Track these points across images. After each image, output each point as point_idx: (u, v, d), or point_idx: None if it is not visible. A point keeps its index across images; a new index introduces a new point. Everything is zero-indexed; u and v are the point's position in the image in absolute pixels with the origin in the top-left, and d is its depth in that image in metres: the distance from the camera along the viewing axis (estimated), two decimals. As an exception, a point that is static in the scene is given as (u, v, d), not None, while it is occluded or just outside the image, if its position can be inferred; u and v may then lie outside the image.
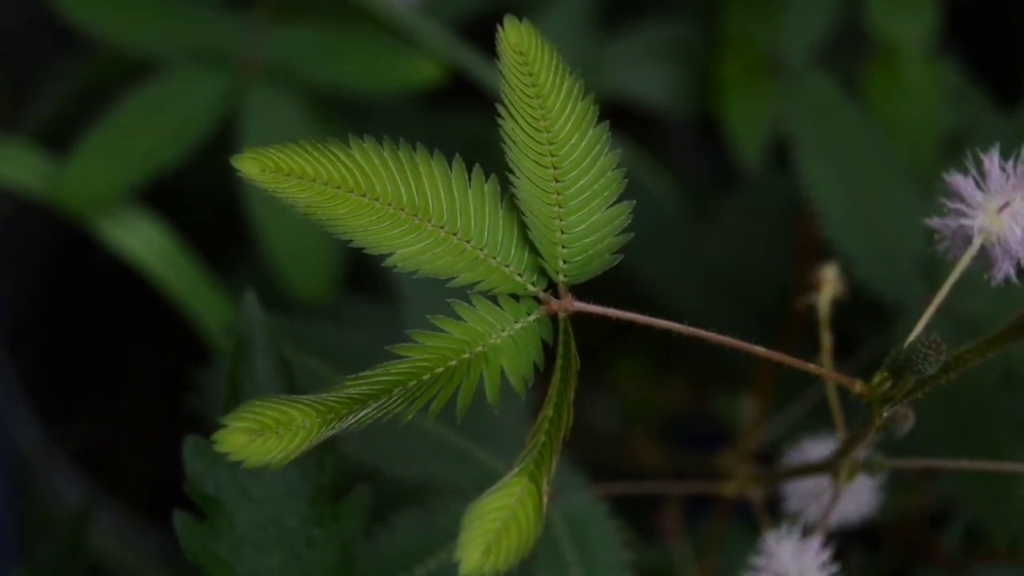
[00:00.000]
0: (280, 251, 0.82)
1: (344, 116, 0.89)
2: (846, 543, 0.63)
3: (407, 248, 0.43)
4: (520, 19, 0.45)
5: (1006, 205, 0.44)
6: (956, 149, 0.77)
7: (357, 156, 0.43)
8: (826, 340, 0.55)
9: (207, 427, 0.49)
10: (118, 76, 0.87)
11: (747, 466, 0.64)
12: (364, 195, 0.43)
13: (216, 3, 0.85)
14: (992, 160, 0.44)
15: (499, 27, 0.45)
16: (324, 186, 0.43)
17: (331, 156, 0.43)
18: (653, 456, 0.85)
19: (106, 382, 1.02)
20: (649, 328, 0.45)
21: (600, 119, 0.45)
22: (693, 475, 0.72)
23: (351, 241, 0.43)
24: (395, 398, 0.42)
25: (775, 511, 0.62)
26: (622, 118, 0.91)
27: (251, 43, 0.84)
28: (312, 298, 0.82)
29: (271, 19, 0.84)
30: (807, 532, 0.54)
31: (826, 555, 0.52)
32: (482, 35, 0.46)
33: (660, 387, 0.92)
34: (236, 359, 0.52)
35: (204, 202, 0.96)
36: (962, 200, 0.45)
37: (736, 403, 0.76)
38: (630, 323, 0.45)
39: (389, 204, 0.43)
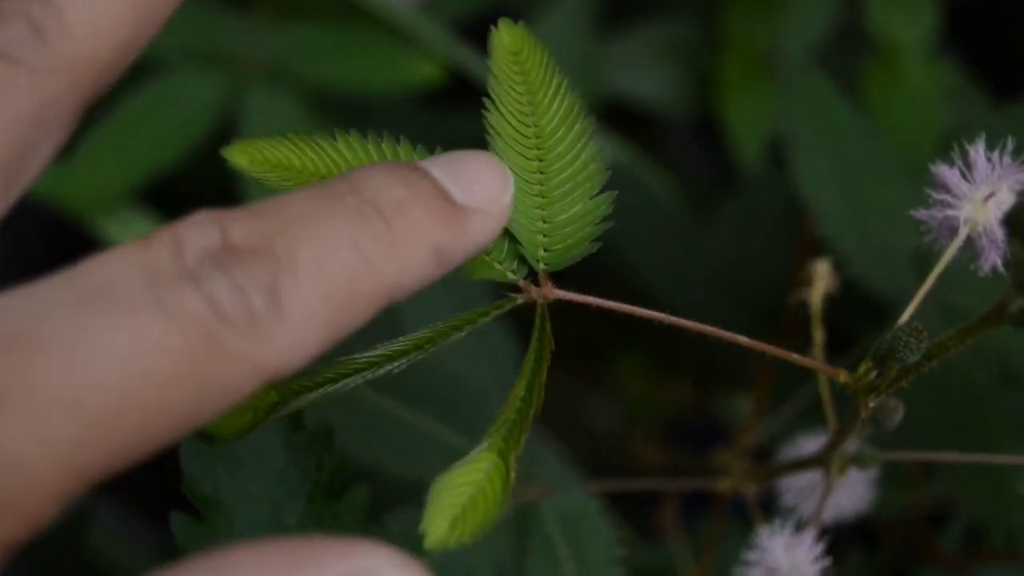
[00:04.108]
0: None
1: (344, 116, 0.89)
2: (845, 542, 0.63)
3: None
4: (517, 20, 0.46)
5: (992, 195, 0.44)
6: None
7: (342, 148, 0.44)
8: (817, 334, 0.55)
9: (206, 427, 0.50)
10: (118, 76, 0.87)
11: (743, 463, 0.64)
12: None
13: (216, 3, 0.85)
14: (978, 151, 0.44)
15: (493, 28, 0.45)
16: (310, 177, 0.43)
17: (317, 149, 0.43)
18: (653, 454, 0.85)
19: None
20: (650, 326, 0.45)
21: (589, 115, 0.46)
22: (691, 472, 0.72)
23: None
24: (366, 376, 0.42)
25: (772, 507, 0.62)
26: (622, 118, 0.91)
27: (251, 43, 0.84)
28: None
29: (271, 19, 0.85)
30: (801, 527, 0.54)
31: (819, 549, 0.52)
32: (482, 35, 0.46)
33: (661, 385, 0.92)
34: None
35: (204, 202, 0.96)
36: (948, 191, 0.45)
37: (734, 401, 0.76)
38: (630, 321, 0.45)
39: None
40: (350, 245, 0.38)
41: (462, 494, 0.40)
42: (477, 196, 0.41)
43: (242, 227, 0.37)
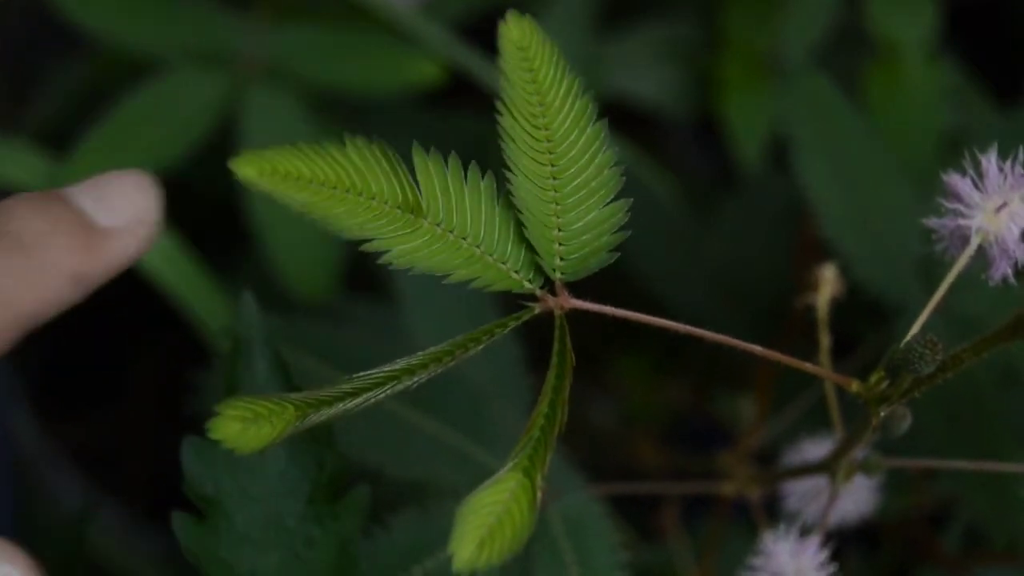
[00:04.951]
0: (281, 251, 0.82)
1: (344, 116, 0.89)
2: (846, 543, 0.63)
3: (403, 245, 0.43)
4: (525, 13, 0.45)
5: (1004, 205, 0.44)
6: (955, 149, 0.77)
7: (353, 156, 0.43)
8: (824, 340, 0.55)
9: (206, 428, 0.49)
10: (118, 76, 0.87)
11: (746, 466, 0.64)
12: (360, 194, 0.43)
13: (216, 3, 0.85)
14: (990, 160, 0.44)
15: (500, 22, 0.44)
16: (321, 187, 0.42)
17: (327, 157, 0.43)
18: (654, 456, 0.85)
19: (106, 382, 1.02)
20: (651, 328, 0.45)
21: (599, 117, 0.45)
22: (693, 475, 0.72)
23: (350, 240, 0.43)
24: (385, 390, 0.42)
25: (775, 511, 0.62)
26: (622, 118, 0.91)
27: (251, 43, 0.84)
28: (313, 297, 0.82)
29: (271, 19, 0.84)
30: (805, 532, 0.54)
31: (824, 555, 0.52)
32: (482, 35, 0.46)
33: (662, 387, 0.92)
34: (233, 360, 0.52)
35: (205, 201, 0.96)
36: (960, 200, 0.45)
37: (736, 403, 0.76)
38: (631, 322, 0.44)
39: (385, 202, 0.43)
40: None
41: (489, 515, 0.39)
42: (121, 217, 0.44)
43: None
